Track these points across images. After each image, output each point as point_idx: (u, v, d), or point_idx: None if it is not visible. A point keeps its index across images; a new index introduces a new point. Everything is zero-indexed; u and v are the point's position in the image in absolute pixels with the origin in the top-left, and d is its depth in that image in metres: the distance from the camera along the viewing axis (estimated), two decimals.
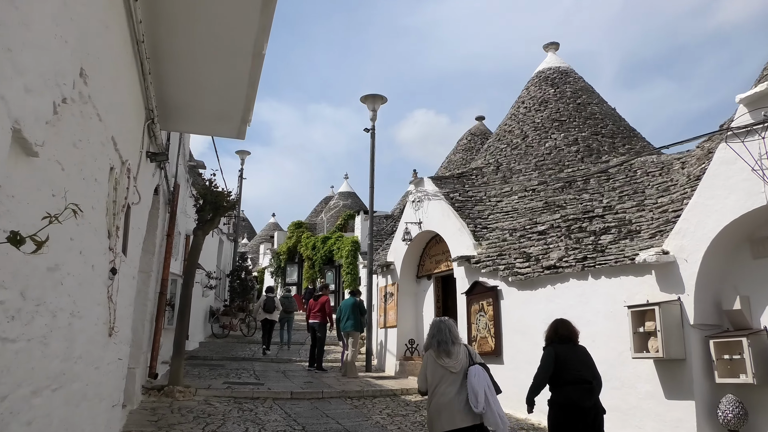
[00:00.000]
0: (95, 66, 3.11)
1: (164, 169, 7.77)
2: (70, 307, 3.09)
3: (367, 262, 14.79)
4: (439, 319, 5.03)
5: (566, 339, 5.27)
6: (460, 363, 4.71)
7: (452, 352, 4.72)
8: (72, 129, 2.80)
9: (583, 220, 9.55)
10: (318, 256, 24.12)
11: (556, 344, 5.25)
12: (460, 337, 4.88)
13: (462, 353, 4.77)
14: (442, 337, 4.79)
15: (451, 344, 4.75)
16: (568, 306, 8.40)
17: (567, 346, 5.22)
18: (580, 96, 14.41)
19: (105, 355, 4.41)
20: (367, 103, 14.18)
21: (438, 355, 4.75)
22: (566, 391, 5.01)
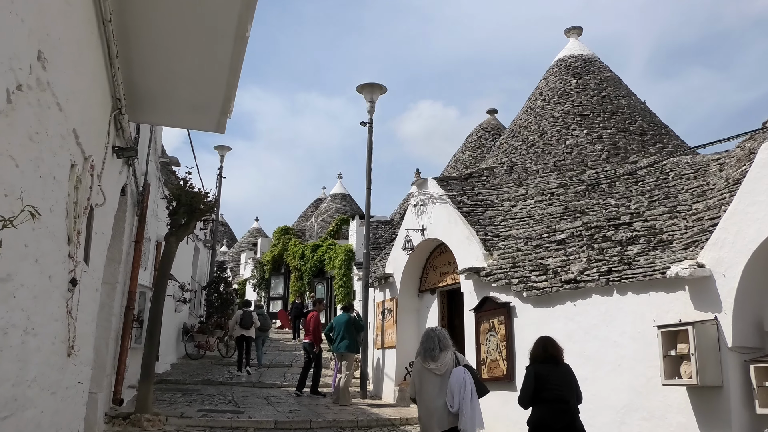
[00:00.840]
0: (55, 48, 3.11)
1: (133, 167, 7.76)
2: (23, 323, 3.07)
3: (362, 273, 14.77)
4: (430, 328, 6.02)
5: (551, 358, 5.82)
6: (446, 366, 5.53)
7: (438, 357, 5.57)
8: (28, 120, 2.79)
9: (607, 228, 9.55)
10: (307, 266, 24.10)
11: (537, 364, 5.82)
12: (449, 345, 5.67)
13: (449, 358, 5.58)
14: (429, 344, 5.67)
15: (438, 351, 5.59)
16: (591, 326, 8.39)
17: (549, 366, 5.78)
18: (605, 87, 14.44)
19: (63, 378, 4.38)
20: (364, 93, 14.20)
21: (424, 360, 5.66)
22: (541, 411, 5.66)
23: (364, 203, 14.47)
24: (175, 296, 14.17)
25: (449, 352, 5.60)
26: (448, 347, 5.61)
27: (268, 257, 28.19)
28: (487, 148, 20.58)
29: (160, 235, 11.03)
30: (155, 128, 9.99)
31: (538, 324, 9.32)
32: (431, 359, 5.57)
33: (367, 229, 14.38)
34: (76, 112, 3.81)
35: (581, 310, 8.63)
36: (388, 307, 14.40)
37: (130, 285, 8.59)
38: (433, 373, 5.53)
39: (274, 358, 17.28)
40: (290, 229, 28.61)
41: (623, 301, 8.02)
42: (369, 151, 14.42)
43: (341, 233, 24.82)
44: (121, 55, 4.91)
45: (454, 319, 13.09)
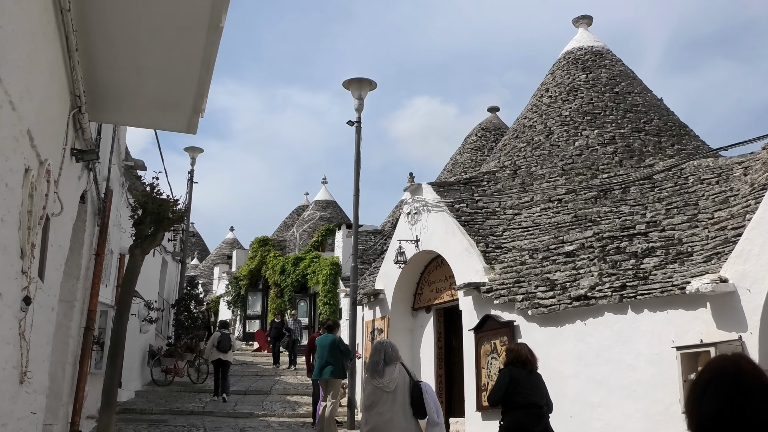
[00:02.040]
0: (7, 41, 3.11)
1: (93, 171, 7.74)
2: None
3: (350, 289, 14.75)
4: (379, 341, 6.61)
5: (527, 364, 6.58)
6: (395, 382, 6.00)
7: (385, 372, 6.02)
8: None
9: (621, 239, 9.61)
10: (288, 281, 24.05)
11: (513, 368, 6.53)
12: (397, 358, 6.15)
13: (398, 372, 6.04)
14: (375, 358, 6.15)
15: (382, 365, 6.04)
16: (603, 347, 8.42)
17: (524, 371, 6.52)
18: (618, 83, 14.55)
19: (14, 408, 4.36)
20: (351, 90, 14.23)
21: (372, 375, 6.10)
22: (517, 416, 6.32)
23: (352, 211, 14.47)
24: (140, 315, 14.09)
25: (396, 366, 6.09)
26: (394, 360, 6.11)
27: (245, 271, 28.10)
28: (487, 149, 20.64)
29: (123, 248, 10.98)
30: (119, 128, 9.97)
31: (545, 345, 9.34)
32: (377, 374, 6.07)
33: (355, 240, 14.38)
34: (31, 111, 3.81)
35: (592, 329, 8.67)
36: (378, 327, 14.38)
37: (89, 303, 8.55)
38: (384, 390, 6.00)
39: (251, 384, 17.21)
40: (269, 240, 28.54)
41: (639, 319, 8.06)
42: (357, 153, 14.44)
43: (326, 244, 24.77)
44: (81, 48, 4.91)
45: (451, 340, 13.08)
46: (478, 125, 22.75)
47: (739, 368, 1.86)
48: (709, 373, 1.89)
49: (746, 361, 1.89)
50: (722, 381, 1.84)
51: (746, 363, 1.88)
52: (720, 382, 1.85)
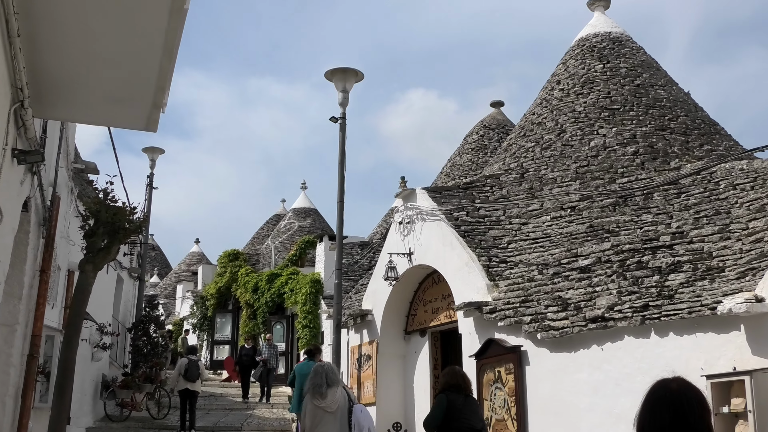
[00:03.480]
0: None
1: (38, 175, 7.69)
2: None
3: (333, 310, 14.72)
4: (320, 363, 7.68)
5: (462, 388, 7.35)
6: (337, 403, 6.97)
7: (326, 394, 6.94)
8: None
9: (643, 252, 9.63)
10: (262, 301, 23.96)
11: (450, 393, 7.26)
12: (338, 381, 7.13)
13: (339, 394, 7.03)
14: (317, 380, 7.04)
15: (325, 387, 6.95)
16: (622, 375, 8.43)
17: (460, 395, 7.26)
18: (639, 74, 14.63)
19: None
20: (334, 81, 14.24)
21: (313, 396, 7.00)
22: None
23: (336, 220, 14.46)
24: (92, 341, 13.97)
25: (338, 389, 7.10)
26: (335, 383, 7.07)
27: (212, 290, 27.95)
28: (490, 150, 20.69)
29: (72, 263, 10.91)
30: (67, 126, 9.91)
31: (557, 374, 9.35)
32: (320, 396, 6.99)
33: (339, 254, 14.35)
34: None
35: (610, 355, 8.67)
36: (365, 353, 14.34)
37: (33, 327, 8.46)
38: (326, 411, 6.95)
39: (220, 419, 17.11)
40: (240, 254, 28.44)
41: (663, 344, 8.08)
42: (342, 153, 14.43)
43: (306, 259, 24.71)
44: (24, 34, 4.89)
45: None
46: (479, 122, 22.81)
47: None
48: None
49: (683, 381, 2.84)
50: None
51: (683, 381, 2.85)
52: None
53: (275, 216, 38.27)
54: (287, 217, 33.20)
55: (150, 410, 16.96)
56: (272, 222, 37.55)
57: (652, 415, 2.77)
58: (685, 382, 2.87)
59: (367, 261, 21.38)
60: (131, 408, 16.52)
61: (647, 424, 2.77)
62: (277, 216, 37.91)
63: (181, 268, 40.87)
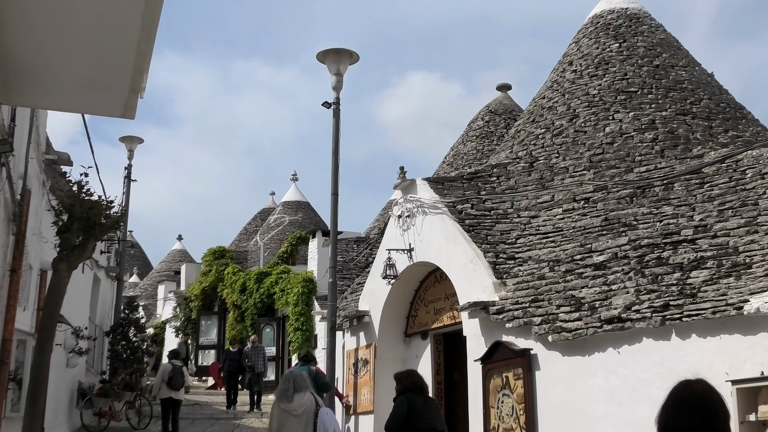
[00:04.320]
0: None
1: (7, 167, 7.69)
2: None
3: (327, 311, 14.71)
4: (289, 371, 8.99)
5: (419, 389, 8.15)
6: (303, 407, 7.62)
7: (293, 398, 7.64)
8: None
9: (663, 247, 9.63)
10: (250, 302, 23.97)
11: (409, 394, 8.01)
12: (306, 387, 7.78)
13: (306, 399, 7.69)
14: (285, 385, 7.80)
15: (292, 391, 7.68)
16: (640, 381, 8.42)
17: (420, 397, 8.04)
18: (658, 54, 14.60)
19: None
20: (327, 63, 14.22)
21: (280, 400, 7.75)
22: None
23: (330, 214, 14.44)
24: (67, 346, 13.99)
25: (306, 393, 7.76)
26: (303, 389, 7.77)
27: (196, 290, 27.95)
28: (497, 137, 20.67)
29: (45, 261, 10.90)
30: (38, 114, 9.91)
31: (569, 379, 9.34)
32: (286, 400, 7.68)
33: (334, 250, 14.34)
34: None
35: (628, 359, 8.67)
36: (362, 357, 14.34)
37: (3, 331, 8.47)
38: (291, 414, 7.64)
39: (205, 429, 17.14)
40: (226, 251, 28.43)
41: (685, 346, 8.07)
42: (335, 142, 14.42)
43: (297, 256, 24.71)
44: None
45: (453, 374, 13.07)
46: (485, 107, 22.77)
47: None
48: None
49: (707, 383, 3.04)
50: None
51: (707, 384, 3.04)
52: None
53: (264, 210, 38.24)
54: (277, 212, 33.18)
55: (130, 420, 17.00)
56: (261, 217, 37.53)
57: (677, 414, 2.91)
58: (709, 384, 3.03)
59: (363, 258, 21.38)
60: (110, 418, 16.55)
61: (671, 424, 2.90)
62: (266, 210, 37.88)
63: (162, 267, 40.86)
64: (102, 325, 19.88)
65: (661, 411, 3.02)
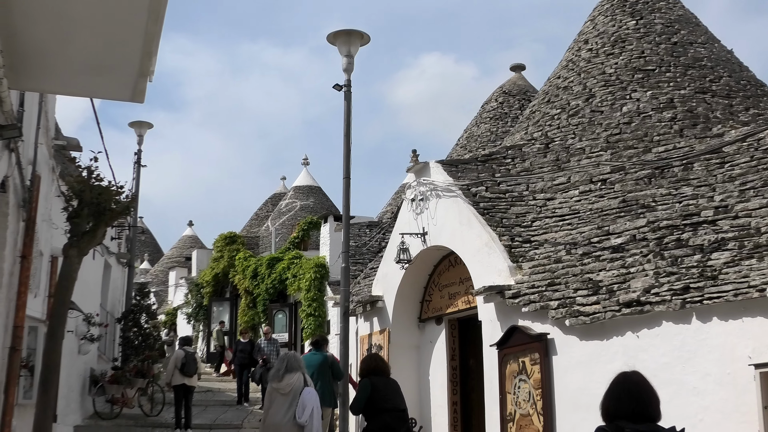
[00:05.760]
0: None
1: (16, 152, 7.69)
2: None
3: (340, 296, 14.73)
4: (285, 353, 9.93)
5: (381, 371, 8.94)
6: (291, 386, 8.31)
7: (283, 378, 8.36)
8: None
9: (682, 229, 9.57)
10: (262, 288, 24.04)
11: (372, 377, 8.77)
12: (297, 368, 8.46)
13: (296, 379, 8.36)
14: (279, 365, 8.58)
15: (283, 371, 8.39)
16: (660, 365, 8.38)
17: (382, 378, 8.83)
18: (676, 31, 14.49)
19: None
20: (338, 44, 14.16)
21: (272, 380, 8.52)
22: (383, 418, 8.56)
23: (342, 198, 14.42)
24: (79, 332, 14.05)
25: (296, 374, 8.41)
26: (294, 369, 8.44)
27: (208, 276, 28.07)
28: (511, 118, 20.63)
29: (56, 248, 10.94)
30: (46, 99, 9.91)
31: (587, 364, 9.32)
32: (277, 379, 8.41)
33: (346, 235, 14.34)
34: None
35: (647, 343, 8.64)
36: (376, 343, 14.36)
37: (15, 317, 8.51)
38: (280, 393, 8.33)
39: (218, 416, 17.24)
40: (238, 237, 28.51)
41: (706, 330, 8.03)
42: (347, 125, 14.38)
43: (309, 241, 24.73)
44: None
45: (468, 359, 13.08)
46: (498, 88, 22.72)
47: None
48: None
49: (642, 375, 4.01)
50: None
51: (642, 376, 4.02)
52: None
53: (275, 195, 38.31)
54: (288, 197, 33.22)
55: (142, 407, 17.10)
56: (272, 202, 37.61)
57: (618, 401, 3.80)
58: (643, 376, 3.97)
59: (376, 243, 21.40)
60: (122, 404, 16.66)
61: (612, 409, 3.81)
62: (276, 195, 37.95)
63: (173, 253, 41.05)
64: (113, 311, 19.98)
65: (603, 398, 3.91)
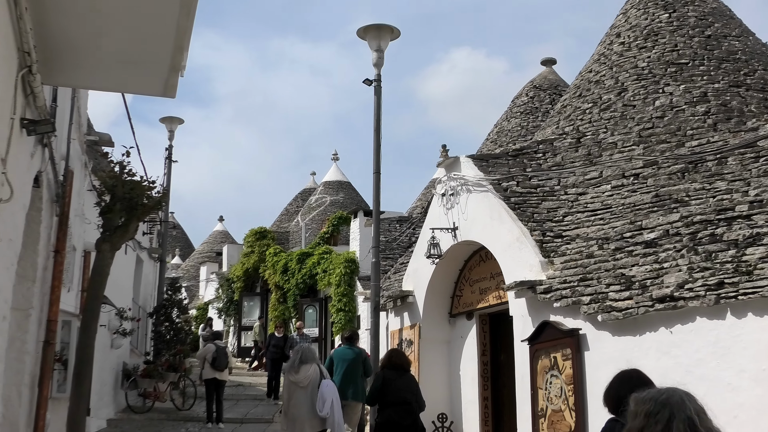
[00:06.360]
0: None
1: (49, 147, 7.77)
2: None
3: (370, 291, 14.75)
4: (300, 345, 10.49)
5: (397, 366, 9.54)
6: (308, 379, 8.76)
7: (299, 369, 8.80)
8: None
9: (716, 224, 9.49)
10: (292, 282, 24.14)
11: (385, 370, 9.45)
12: (312, 359, 8.98)
13: (312, 371, 8.83)
14: (293, 357, 9.09)
15: (298, 363, 8.85)
16: (694, 361, 8.33)
17: (396, 372, 9.43)
18: (710, 24, 14.35)
19: None
20: (368, 39, 14.17)
21: (289, 372, 9.02)
22: (387, 412, 9.23)
23: (372, 194, 14.44)
24: (111, 327, 14.20)
25: (312, 366, 8.87)
26: (309, 361, 8.91)
27: (239, 271, 28.24)
28: (542, 113, 20.53)
29: (88, 243, 11.06)
30: (79, 95, 10.01)
31: (620, 359, 9.24)
32: (294, 371, 8.85)
33: (376, 230, 14.35)
34: None
35: (680, 339, 8.58)
36: (407, 338, 14.38)
37: (49, 312, 8.60)
38: (299, 386, 8.77)
39: (250, 410, 17.36)
40: (268, 232, 28.65)
41: (741, 326, 7.96)
42: (377, 120, 14.39)
43: (339, 237, 24.80)
44: None
45: (499, 354, 13.06)
46: (529, 83, 22.64)
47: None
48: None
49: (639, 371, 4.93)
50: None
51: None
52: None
53: (305, 190, 38.47)
54: (318, 192, 33.34)
55: (174, 401, 17.26)
56: (302, 197, 37.77)
57: (620, 387, 4.52)
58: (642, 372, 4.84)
59: (406, 238, 21.40)
60: (154, 398, 16.83)
61: (613, 392, 4.59)
62: (306, 190, 38.10)
63: (204, 249, 41.35)
64: (145, 306, 20.18)
65: (610, 392, 4.65)
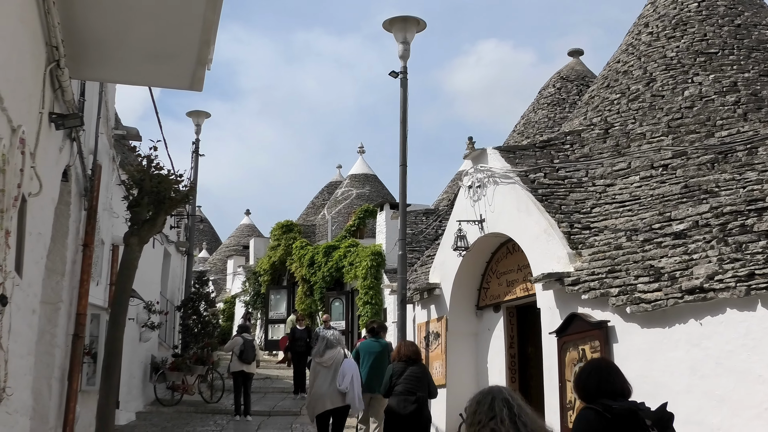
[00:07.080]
0: None
1: (78, 141, 7.84)
2: None
3: (397, 284, 14.75)
4: (326, 332, 11.95)
5: (406, 357, 9.90)
6: (332, 360, 10.23)
7: (325, 353, 10.31)
8: None
9: (747, 215, 9.40)
10: (319, 276, 24.20)
11: (394, 363, 9.96)
12: (337, 344, 10.56)
13: (336, 353, 10.36)
14: (320, 344, 10.52)
15: (324, 348, 10.35)
16: (724, 353, 8.26)
17: (405, 363, 9.83)
18: (740, 13, 14.18)
19: None
20: (394, 31, 14.15)
21: (315, 356, 10.57)
22: (392, 402, 9.74)
23: (398, 186, 14.43)
24: (140, 320, 14.32)
25: (337, 349, 10.37)
26: (334, 346, 10.41)
27: (265, 265, 28.35)
28: (569, 104, 20.42)
29: (116, 237, 11.15)
30: (106, 88, 10.09)
31: (649, 352, 9.21)
32: (319, 355, 10.35)
33: (403, 223, 14.34)
34: None
35: (710, 331, 8.51)
36: (434, 331, 14.37)
37: (78, 305, 8.68)
38: (323, 366, 10.20)
39: (277, 403, 17.42)
40: (294, 226, 28.72)
41: None
42: (403, 112, 14.37)
43: (365, 229, 24.82)
44: None
45: (527, 347, 13.01)
46: (556, 74, 22.53)
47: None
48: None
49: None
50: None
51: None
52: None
53: (331, 183, 38.50)
54: (344, 185, 33.35)
55: (203, 393, 17.39)
56: (328, 190, 37.80)
57: (600, 383, 4.49)
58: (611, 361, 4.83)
59: (433, 230, 21.37)
60: (183, 391, 16.96)
61: (593, 390, 4.48)
62: (332, 183, 38.14)
63: (231, 242, 41.56)
64: (173, 299, 20.32)
65: (580, 381, 4.65)
